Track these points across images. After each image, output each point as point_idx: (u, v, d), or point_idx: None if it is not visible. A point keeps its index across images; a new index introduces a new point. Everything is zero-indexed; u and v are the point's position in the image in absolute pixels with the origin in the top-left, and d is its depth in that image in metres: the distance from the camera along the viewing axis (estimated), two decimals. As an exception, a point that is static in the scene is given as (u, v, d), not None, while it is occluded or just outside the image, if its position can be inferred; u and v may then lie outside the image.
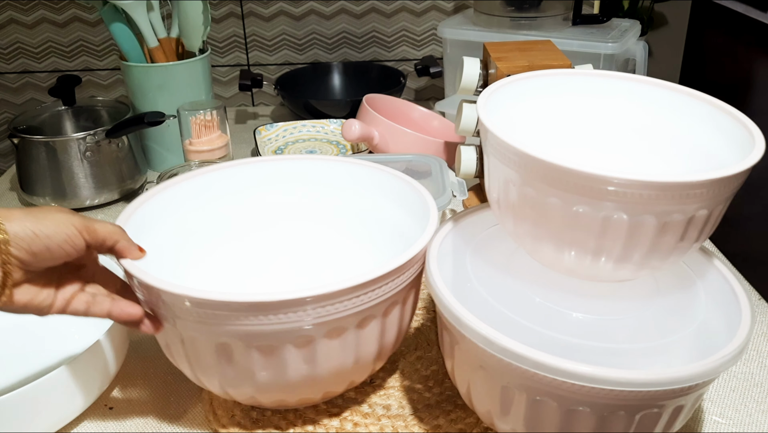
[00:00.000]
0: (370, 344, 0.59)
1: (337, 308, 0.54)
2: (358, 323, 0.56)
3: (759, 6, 1.37)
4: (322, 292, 0.52)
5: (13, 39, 1.52)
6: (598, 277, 0.56)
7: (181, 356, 0.59)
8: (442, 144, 1.09)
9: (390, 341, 0.62)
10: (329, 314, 0.54)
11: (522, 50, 0.92)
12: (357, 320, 0.56)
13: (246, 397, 0.60)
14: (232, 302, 0.52)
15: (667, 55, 1.73)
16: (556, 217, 0.52)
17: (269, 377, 0.57)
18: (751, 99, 1.35)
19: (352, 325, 0.56)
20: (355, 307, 0.55)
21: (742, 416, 0.64)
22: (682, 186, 0.47)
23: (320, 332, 0.55)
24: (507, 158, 0.53)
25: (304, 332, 0.54)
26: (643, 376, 0.46)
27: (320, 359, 0.57)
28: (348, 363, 0.59)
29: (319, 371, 0.58)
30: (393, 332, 0.61)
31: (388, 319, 0.59)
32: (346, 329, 0.56)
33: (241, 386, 0.58)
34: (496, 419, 0.54)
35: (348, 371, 0.60)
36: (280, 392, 0.59)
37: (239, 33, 1.54)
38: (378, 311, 0.57)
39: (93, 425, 0.65)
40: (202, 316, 0.53)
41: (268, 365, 0.56)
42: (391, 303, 0.58)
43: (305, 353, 0.56)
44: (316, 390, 0.61)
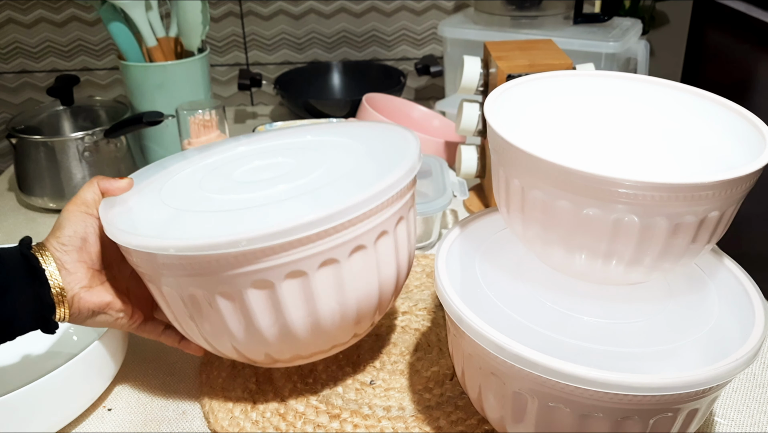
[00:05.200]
0: (367, 278, 0.59)
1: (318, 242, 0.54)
2: (350, 252, 0.56)
3: (761, 5, 1.37)
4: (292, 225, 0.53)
5: (11, 39, 1.51)
6: (610, 280, 0.56)
7: (191, 319, 0.60)
8: (442, 144, 1.09)
9: (388, 278, 0.62)
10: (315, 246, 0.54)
11: (523, 49, 0.92)
12: (347, 250, 0.56)
13: (257, 351, 0.60)
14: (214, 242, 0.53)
15: (668, 54, 1.73)
16: (566, 220, 0.51)
17: (273, 322, 0.57)
18: (753, 98, 1.34)
19: (343, 256, 0.56)
20: (334, 240, 0.55)
21: (744, 417, 0.64)
22: (693, 187, 0.47)
23: (313, 264, 0.55)
24: (515, 161, 0.52)
25: (293, 266, 0.55)
26: (657, 380, 0.45)
27: (318, 296, 0.57)
28: (348, 300, 0.59)
29: (320, 308, 0.58)
30: (390, 268, 0.61)
31: (380, 250, 0.59)
32: (338, 260, 0.56)
33: (248, 340, 0.59)
34: (508, 425, 0.54)
35: (348, 312, 0.60)
36: (287, 339, 0.59)
37: (238, 32, 1.53)
38: (368, 240, 0.57)
39: (93, 425, 0.65)
40: (184, 266, 0.55)
41: (269, 307, 0.57)
42: (379, 232, 0.58)
43: (303, 288, 0.56)
44: (320, 337, 0.60)
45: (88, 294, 0.59)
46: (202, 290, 0.56)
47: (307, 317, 0.58)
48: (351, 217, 0.55)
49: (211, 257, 0.53)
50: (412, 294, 0.82)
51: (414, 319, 0.78)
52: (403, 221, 0.62)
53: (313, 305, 0.57)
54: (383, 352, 0.72)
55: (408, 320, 0.77)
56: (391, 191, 0.58)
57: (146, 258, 0.56)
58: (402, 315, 0.78)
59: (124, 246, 0.57)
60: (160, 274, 0.57)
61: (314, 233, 0.53)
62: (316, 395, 0.67)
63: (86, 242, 0.60)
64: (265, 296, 0.56)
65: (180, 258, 0.54)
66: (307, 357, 0.64)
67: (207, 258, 0.53)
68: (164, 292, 0.59)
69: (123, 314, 0.62)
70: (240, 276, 0.54)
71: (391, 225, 0.60)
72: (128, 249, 0.57)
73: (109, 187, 0.63)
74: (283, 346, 0.60)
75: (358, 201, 0.55)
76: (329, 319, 0.59)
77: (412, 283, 0.84)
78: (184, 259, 0.54)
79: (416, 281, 0.85)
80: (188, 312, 0.59)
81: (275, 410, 0.65)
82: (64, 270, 0.58)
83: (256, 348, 0.60)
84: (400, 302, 0.80)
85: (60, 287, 0.57)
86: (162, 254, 0.54)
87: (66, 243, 0.59)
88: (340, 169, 0.63)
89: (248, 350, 0.60)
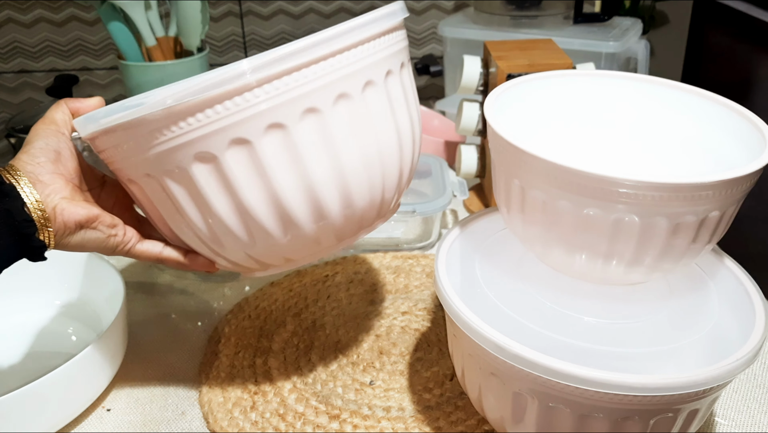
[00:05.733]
0: (343, 144, 0.52)
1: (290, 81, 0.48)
2: (334, 99, 0.50)
3: (761, 5, 1.37)
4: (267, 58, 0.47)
5: (10, 38, 1.51)
6: (610, 280, 0.56)
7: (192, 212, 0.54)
8: (442, 143, 1.09)
9: (388, 142, 0.55)
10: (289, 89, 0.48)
11: (523, 49, 0.92)
12: (332, 95, 0.50)
13: (233, 248, 0.55)
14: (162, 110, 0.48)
15: (668, 53, 1.73)
16: (566, 220, 0.51)
17: (229, 204, 0.52)
18: (753, 98, 1.34)
19: (326, 104, 0.50)
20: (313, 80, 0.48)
21: (744, 417, 0.64)
22: (694, 187, 0.47)
23: (258, 127, 0.49)
24: (515, 161, 0.52)
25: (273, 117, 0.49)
26: (658, 381, 0.45)
27: (306, 155, 0.50)
28: (349, 158, 0.52)
29: (311, 173, 0.51)
30: (388, 131, 0.54)
31: (368, 102, 0.52)
32: (320, 110, 0.50)
33: (212, 232, 0.54)
34: (508, 426, 0.54)
35: (354, 178, 0.53)
36: (251, 227, 0.53)
37: (238, 32, 1.53)
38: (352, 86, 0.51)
39: (92, 425, 0.65)
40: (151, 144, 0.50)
41: (220, 186, 0.51)
42: (365, 81, 0.52)
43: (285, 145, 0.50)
44: (291, 225, 0.54)
45: (71, 205, 0.53)
46: (153, 171, 0.52)
47: (266, 194, 0.51)
48: (288, 66, 0.48)
49: (141, 125, 0.49)
50: (411, 294, 0.82)
51: (414, 319, 0.77)
52: (393, 75, 0.55)
53: (267, 180, 0.51)
54: (383, 352, 0.72)
55: (408, 320, 0.77)
56: (372, 28, 0.51)
57: (104, 138, 0.52)
58: (402, 315, 0.78)
59: (90, 132, 0.53)
60: (117, 156, 0.53)
61: (243, 84, 0.47)
62: (316, 396, 0.66)
63: (60, 155, 0.55)
64: (210, 172, 0.50)
65: (119, 133, 0.50)
66: (296, 259, 0.58)
67: (138, 126, 0.49)
68: (132, 189, 0.55)
69: (115, 231, 0.56)
70: (179, 150, 0.50)
71: (380, 75, 0.53)
72: (86, 137, 0.54)
73: (80, 106, 0.58)
74: (252, 237, 0.54)
75: (324, 37, 0.48)
76: (291, 200, 0.52)
77: (412, 283, 0.84)
78: (121, 134, 0.50)
79: (416, 281, 0.84)
80: (156, 206, 0.55)
81: (275, 410, 0.65)
82: (39, 183, 0.52)
83: (229, 244, 0.55)
84: (400, 302, 0.80)
85: (38, 201, 0.51)
86: (101, 129, 0.51)
87: (38, 154, 0.53)
88: None
89: (220, 246, 0.55)
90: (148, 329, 0.78)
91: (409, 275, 0.86)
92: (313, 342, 0.74)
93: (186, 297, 0.83)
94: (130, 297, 0.82)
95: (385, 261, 0.88)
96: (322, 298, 0.81)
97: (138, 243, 0.58)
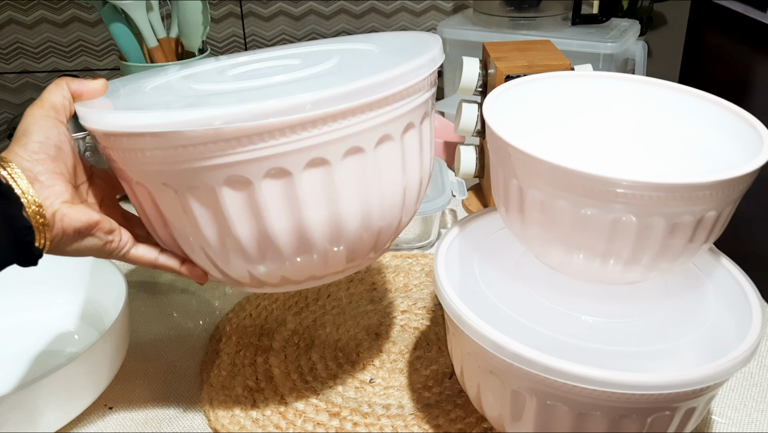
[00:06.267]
0: (362, 189, 0.52)
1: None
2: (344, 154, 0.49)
3: (758, 6, 1.37)
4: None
5: (12, 39, 1.51)
6: (607, 279, 0.56)
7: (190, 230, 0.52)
8: (441, 144, 1.09)
9: (390, 195, 0.54)
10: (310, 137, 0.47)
11: (521, 50, 0.92)
12: (341, 150, 0.49)
13: (238, 267, 0.54)
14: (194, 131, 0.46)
15: (666, 55, 1.73)
16: (564, 220, 0.52)
17: (251, 229, 0.51)
18: (751, 99, 1.35)
19: (335, 156, 0.49)
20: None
21: (741, 415, 0.64)
22: (691, 187, 0.47)
23: (299, 163, 0.48)
24: (514, 161, 0.53)
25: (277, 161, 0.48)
26: (655, 379, 0.46)
27: (304, 202, 0.50)
28: (336, 215, 0.51)
29: (305, 217, 0.50)
30: (392, 184, 0.54)
31: (381, 157, 0.52)
32: (328, 162, 0.49)
33: (223, 251, 0.53)
34: (506, 424, 0.54)
35: (337, 231, 0.52)
36: (268, 252, 0.53)
37: (239, 33, 1.53)
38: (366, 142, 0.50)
39: (93, 425, 0.65)
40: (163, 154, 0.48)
41: (246, 211, 0.50)
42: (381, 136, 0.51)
43: (285, 190, 0.49)
44: (306, 255, 0.53)
45: (72, 210, 0.49)
46: (174, 184, 0.49)
47: (291, 226, 0.51)
48: (351, 105, 0.47)
49: (179, 138, 0.46)
50: (411, 293, 0.83)
51: (413, 318, 0.78)
52: (413, 129, 0.54)
53: (297, 212, 0.50)
54: (383, 350, 0.73)
55: (407, 319, 0.78)
56: (402, 82, 0.50)
57: (124, 140, 0.49)
58: (401, 314, 0.79)
59: (95, 129, 0.50)
60: (133, 160, 0.50)
61: (301, 118, 0.46)
62: (316, 394, 0.67)
63: (61, 150, 0.50)
64: (241, 195, 0.49)
65: (147, 139, 0.47)
66: (298, 282, 0.57)
67: (175, 138, 0.46)
68: (136, 190, 0.53)
69: (112, 237, 0.53)
70: (212, 169, 0.48)
71: (398, 129, 0.52)
72: (97, 132, 0.50)
73: (83, 89, 0.53)
74: (264, 260, 0.53)
75: (357, 87, 0.47)
76: (317, 232, 0.52)
77: (412, 282, 0.85)
78: (149, 140, 0.47)
79: (415, 280, 0.85)
80: (162, 216, 0.52)
81: (275, 408, 0.65)
82: (38, 183, 0.47)
83: (236, 263, 0.54)
84: (400, 301, 0.81)
85: (37, 204, 0.47)
86: (127, 131, 0.47)
87: (37, 150, 0.48)
88: (349, 62, 0.55)
89: (226, 263, 0.54)
90: (149, 327, 0.78)
91: (408, 274, 0.86)
92: (314, 341, 0.74)
93: (187, 296, 0.84)
94: (132, 296, 0.82)
95: (384, 260, 0.89)
96: (322, 297, 0.82)
97: (132, 248, 0.55)
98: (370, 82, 0.48)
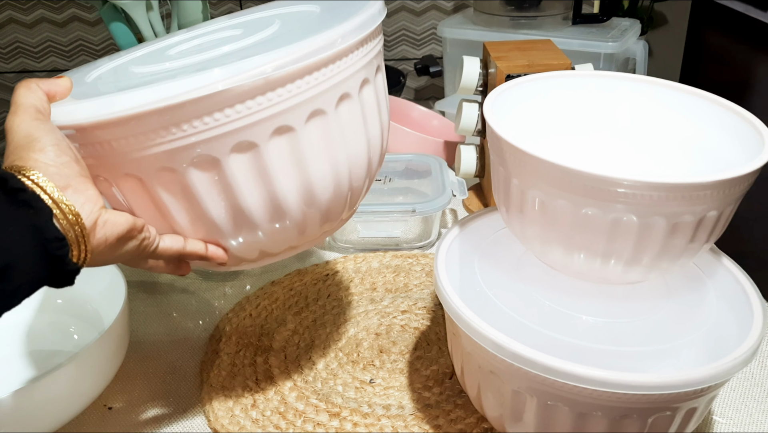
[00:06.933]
0: (329, 151, 0.52)
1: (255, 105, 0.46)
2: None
3: (759, 5, 1.37)
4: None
5: (12, 38, 1.51)
6: (608, 279, 0.56)
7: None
8: (441, 143, 1.09)
9: (354, 154, 0.54)
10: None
11: (522, 50, 0.92)
12: (304, 114, 0.48)
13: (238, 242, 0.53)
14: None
15: (667, 54, 1.73)
16: (564, 220, 0.51)
17: (223, 206, 0.50)
18: (751, 98, 1.35)
19: (299, 122, 0.48)
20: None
21: (743, 415, 0.64)
22: (691, 187, 0.47)
23: (264, 134, 0.48)
24: (514, 161, 0.53)
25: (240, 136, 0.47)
26: (656, 379, 0.46)
27: (273, 173, 0.49)
28: (306, 178, 0.51)
29: (277, 187, 0.50)
30: (357, 143, 0.54)
31: (343, 117, 0.52)
32: (293, 128, 0.48)
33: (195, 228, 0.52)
34: (507, 424, 0.54)
35: (308, 193, 0.52)
36: (242, 225, 0.52)
37: (238, 32, 1.53)
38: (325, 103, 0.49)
39: (92, 425, 0.65)
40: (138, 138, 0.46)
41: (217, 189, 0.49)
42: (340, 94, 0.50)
43: (253, 163, 0.49)
44: (281, 225, 0.53)
45: (113, 215, 0.45)
46: (141, 170, 0.48)
47: (264, 197, 0.50)
48: (307, 62, 0.46)
49: (134, 120, 0.45)
50: (411, 293, 0.82)
51: (413, 318, 0.78)
52: (368, 84, 0.54)
53: (268, 182, 0.50)
54: (383, 351, 0.73)
55: (407, 319, 0.78)
56: (349, 38, 0.50)
57: (110, 130, 0.46)
58: (401, 314, 0.78)
59: (98, 122, 0.46)
60: (95, 155, 0.48)
61: (256, 84, 0.45)
62: (316, 394, 0.67)
63: (75, 152, 0.46)
64: (209, 177, 0.48)
65: (105, 126, 0.45)
66: (276, 254, 0.57)
67: (130, 121, 0.45)
68: (122, 185, 0.50)
69: (145, 234, 0.49)
70: (177, 151, 0.46)
71: (355, 86, 0.52)
72: (99, 125, 0.47)
73: (56, 90, 0.48)
74: (239, 234, 0.53)
75: (312, 45, 0.46)
76: (291, 199, 0.51)
77: (412, 282, 0.85)
78: (107, 127, 0.45)
79: (416, 280, 0.85)
80: (163, 201, 0.51)
81: (275, 408, 0.65)
82: (71, 189, 0.42)
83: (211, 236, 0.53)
84: (400, 301, 0.81)
85: (74, 213, 0.42)
86: (78, 124, 0.45)
87: (58, 153, 0.43)
88: (294, 24, 0.55)
89: (222, 235, 0.53)
90: (149, 327, 0.78)
91: (408, 274, 0.86)
92: (314, 341, 0.74)
93: (187, 296, 0.84)
94: (131, 296, 0.82)
95: (385, 260, 0.89)
96: (322, 297, 0.82)
97: (160, 241, 0.51)
98: (323, 41, 0.47)
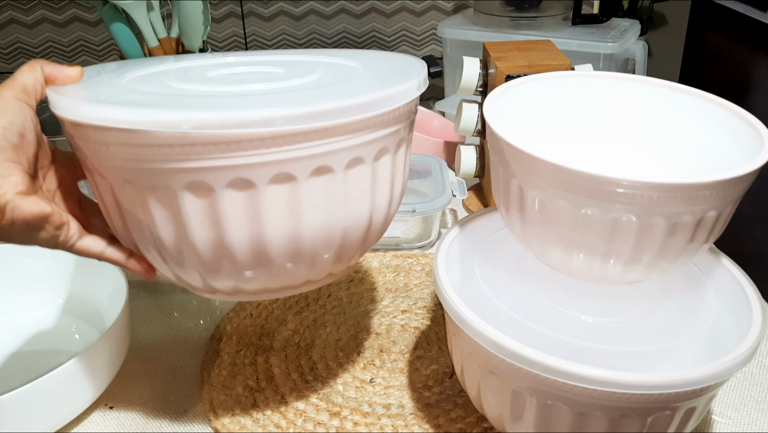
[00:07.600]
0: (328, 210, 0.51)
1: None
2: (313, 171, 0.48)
3: (758, 6, 1.37)
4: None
5: (13, 39, 1.51)
6: (608, 279, 0.56)
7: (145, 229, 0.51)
8: (441, 144, 1.09)
9: (356, 219, 0.53)
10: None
11: (522, 50, 0.92)
12: (309, 168, 0.48)
13: (190, 271, 0.53)
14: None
15: (666, 54, 1.73)
16: (564, 220, 0.52)
17: (209, 237, 0.50)
18: (751, 99, 1.35)
19: (303, 174, 0.48)
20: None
21: (742, 415, 0.64)
22: (691, 187, 0.47)
23: (264, 176, 0.47)
24: (514, 161, 0.53)
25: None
26: (655, 378, 0.46)
27: (265, 216, 0.49)
28: (299, 232, 0.50)
29: (266, 231, 0.50)
30: (360, 208, 0.53)
31: (351, 180, 0.51)
32: (295, 178, 0.48)
33: (178, 255, 0.51)
34: (507, 423, 0.54)
35: (299, 248, 0.51)
36: (225, 261, 0.51)
37: (239, 33, 1.53)
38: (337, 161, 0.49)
39: (93, 424, 0.65)
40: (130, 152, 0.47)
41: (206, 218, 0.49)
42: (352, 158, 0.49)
43: (248, 202, 0.48)
44: (264, 268, 0.52)
45: (24, 202, 0.48)
46: (135, 183, 0.48)
47: (249, 238, 0.50)
48: (323, 125, 0.46)
49: (145, 137, 0.45)
50: (411, 293, 0.83)
51: (413, 317, 0.78)
52: (387, 155, 0.53)
53: (258, 224, 0.49)
54: (383, 350, 0.73)
55: (408, 319, 0.78)
56: (378, 107, 0.49)
57: (79, 131, 0.49)
58: (402, 313, 0.79)
59: (63, 117, 0.49)
60: (98, 153, 0.49)
61: (270, 132, 0.45)
62: (317, 393, 0.67)
63: (24, 138, 0.48)
64: (201, 204, 0.48)
65: (113, 134, 0.46)
66: (252, 293, 0.56)
67: (140, 137, 0.45)
68: (97, 181, 0.52)
69: (60, 231, 0.51)
70: (176, 173, 0.47)
71: (371, 153, 0.51)
72: (66, 120, 0.49)
73: (57, 75, 0.52)
74: (219, 268, 0.52)
75: (332, 107, 0.46)
76: (275, 247, 0.51)
77: (412, 282, 0.85)
78: (115, 135, 0.46)
79: (416, 280, 0.85)
80: (120, 209, 0.51)
81: (276, 408, 0.65)
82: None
83: (190, 267, 0.52)
84: (400, 301, 0.81)
85: None
86: (93, 124, 0.47)
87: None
88: (331, 78, 0.55)
89: (180, 266, 0.53)
90: (150, 327, 0.78)
91: (408, 273, 0.86)
92: (314, 340, 0.75)
93: (188, 295, 0.84)
94: (132, 295, 0.82)
95: (385, 260, 0.89)
96: (322, 296, 0.82)
97: (79, 240, 0.53)
98: (346, 104, 0.47)
